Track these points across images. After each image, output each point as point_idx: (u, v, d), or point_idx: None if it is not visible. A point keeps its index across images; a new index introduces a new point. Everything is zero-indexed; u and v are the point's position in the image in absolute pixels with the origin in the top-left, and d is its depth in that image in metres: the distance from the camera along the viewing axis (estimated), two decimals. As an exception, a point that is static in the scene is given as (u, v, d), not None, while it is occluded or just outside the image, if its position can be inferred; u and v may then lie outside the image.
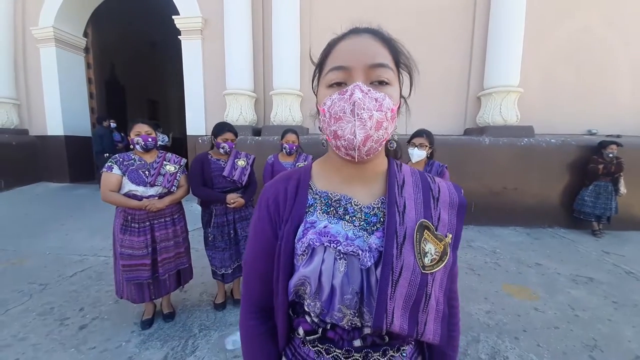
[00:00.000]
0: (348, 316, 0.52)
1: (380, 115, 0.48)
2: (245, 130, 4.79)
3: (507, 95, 4.44)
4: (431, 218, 0.54)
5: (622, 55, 4.75)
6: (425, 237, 0.52)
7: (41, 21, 5.90)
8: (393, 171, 0.57)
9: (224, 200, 2.12)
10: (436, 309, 0.52)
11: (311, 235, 0.52)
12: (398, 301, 0.48)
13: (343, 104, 0.48)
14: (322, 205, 0.56)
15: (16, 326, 2.02)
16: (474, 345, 1.90)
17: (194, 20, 5.27)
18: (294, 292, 0.55)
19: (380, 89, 0.50)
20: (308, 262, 0.52)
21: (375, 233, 0.53)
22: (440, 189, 0.58)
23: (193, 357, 1.78)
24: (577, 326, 2.10)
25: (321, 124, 0.53)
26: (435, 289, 0.51)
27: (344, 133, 0.48)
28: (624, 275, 2.91)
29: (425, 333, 0.50)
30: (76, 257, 3.15)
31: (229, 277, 2.24)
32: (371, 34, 0.52)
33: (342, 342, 0.54)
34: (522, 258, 3.27)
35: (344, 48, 0.51)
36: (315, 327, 0.55)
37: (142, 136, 1.91)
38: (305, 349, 0.57)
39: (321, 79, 0.55)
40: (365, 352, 0.54)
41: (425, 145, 2.11)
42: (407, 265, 0.49)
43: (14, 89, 6.18)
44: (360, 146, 0.48)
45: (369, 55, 0.50)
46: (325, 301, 0.52)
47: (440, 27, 4.90)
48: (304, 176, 0.60)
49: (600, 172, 3.90)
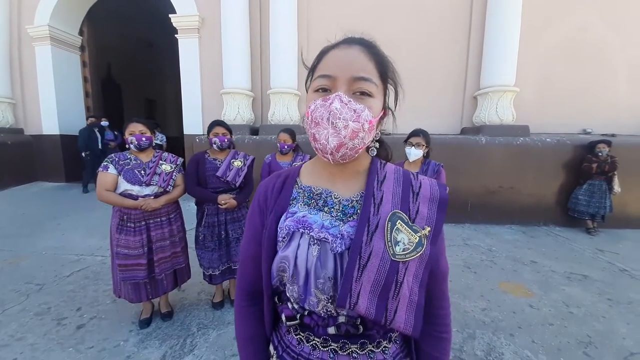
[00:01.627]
0: (323, 302, 0.55)
1: (356, 125, 0.51)
2: (242, 129, 4.79)
3: (503, 95, 4.48)
4: (408, 211, 0.56)
5: (618, 54, 4.80)
6: (397, 227, 0.54)
7: (37, 19, 5.86)
8: (375, 168, 0.61)
9: (215, 200, 2.11)
10: (409, 299, 0.52)
11: (289, 222, 0.57)
12: (365, 285, 0.51)
13: (323, 111, 0.51)
14: (305, 198, 0.61)
15: (13, 326, 2.01)
16: (469, 342, 1.92)
17: (191, 19, 5.25)
18: (277, 278, 0.59)
19: (362, 100, 0.53)
20: (286, 247, 0.57)
21: (349, 222, 0.56)
22: (421, 184, 0.60)
23: (192, 355, 1.78)
24: (572, 323, 2.12)
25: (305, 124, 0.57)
26: (409, 279, 0.53)
27: (320, 137, 0.52)
28: (618, 272, 2.95)
29: (396, 320, 0.51)
30: (73, 256, 3.14)
31: (217, 278, 2.21)
32: (362, 47, 0.55)
33: (317, 329, 0.57)
34: (517, 256, 3.30)
35: (333, 57, 0.55)
36: (295, 313, 0.59)
37: (136, 135, 1.90)
38: (289, 337, 0.62)
39: (311, 82, 0.58)
40: (342, 342, 0.56)
41: (421, 145, 2.13)
42: (376, 252, 0.52)
43: (9, 88, 6.13)
44: (334, 152, 0.52)
45: (354, 68, 0.53)
46: (302, 285, 0.56)
47: (437, 26, 4.92)
48: (293, 173, 0.66)
49: (593, 170, 3.94)
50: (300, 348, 0.59)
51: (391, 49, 0.64)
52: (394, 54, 0.61)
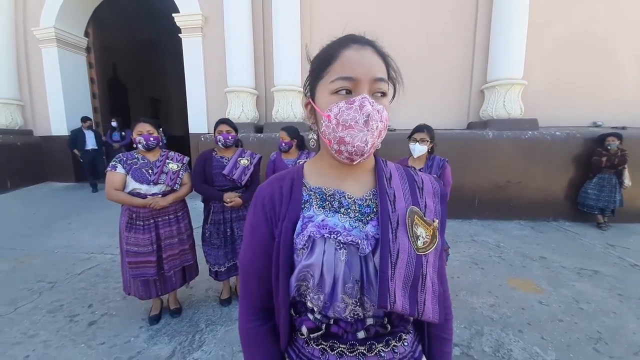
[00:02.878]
0: (350, 306, 0.54)
1: (382, 125, 0.53)
2: (247, 127, 4.80)
3: (511, 88, 4.39)
4: (419, 205, 0.58)
5: (628, 46, 4.67)
6: (416, 222, 0.56)
7: (42, 22, 5.93)
8: (380, 166, 0.62)
9: (221, 198, 2.12)
10: (432, 289, 0.55)
11: (311, 228, 0.54)
12: (398, 282, 0.51)
13: (354, 114, 0.50)
14: (318, 200, 0.59)
15: (26, 323, 2.06)
16: (477, 338, 1.91)
17: (194, 18, 5.26)
18: (295, 289, 0.56)
19: (380, 100, 0.54)
20: (309, 255, 0.54)
21: (370, 222, 0.56)
22: (423, 180, 0.63)
23: (200, 351, 1.81)
24: (582, 319, 2.10)
25: (324, 128, 0.54)
26: (430, 270, 0.55)
27: (354, 140, 0.51)
28: (629, 267, 2.90)
29: (425, 312, 0.53)
30: (83, 255, 3.20)
31: (223, 275, 2.24)
32: (372, 47, 0.55)
33: (346, 336, 0.56)
34: (526, 252, 3.26)
35: (351, 58, 0.52)
36: (319, 323, 0.56)
37: (144, 135, 1.93)
38: (310, 348, 0.59)
39: (321, 82, 0.55)
40: (369, 344, 0.56)
41: (426, 140, 2.10)
42: (403, 248, 0.53)
43: (17, 90, 6.23)
44: (365, 153, 0.53)
45: (373, 69, 0.53)
46: (328, 293, 0.54)
47: (442, 19, 4.85)
48: (297, 175, 0.62)
49: (603, 164, 3.86)
50: (325, 358, 0.57)
51: (396, 43, 0.64)
52: (399, 48, 0.61)
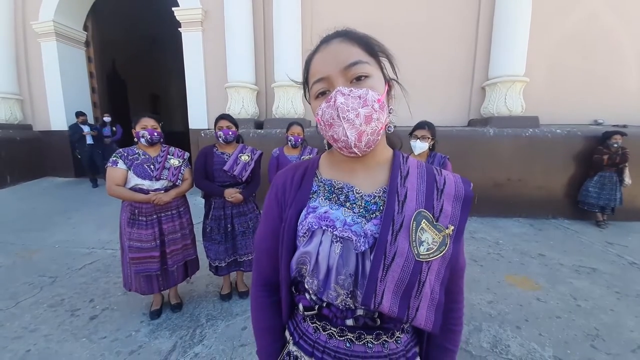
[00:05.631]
0: (342, 296, 0.56)
1: (366, 110, 0.51)
2: (247, 123, 4.78)
3: (512, 85, 4.38)
4: (432, 209, 0.55)
5: (629, 44, 4.64)
6: (422, 227, 0.53)
7: (41, 15, 5.88)
8: (397, 162, 0.60)
9: (221, 194, 2.13)
10: (431, 297, 0.53)
11: (311, 218, 0.56)
12: (389, 284, 0.51)
13: (330, 111, 0.51)
14: (325, 192, 0.60)
15: (27, 318, 2.07)
16: (475, 334, 1.93)
17: (194, 12, 5.21)
18: (296, 270, 0.59)
19: (361, 84, 0.52)
20: (308, 243, 0.57)
21: (372, 220, 0.56)
22: (446, 181, 0.59)
23: (201, 345, 1.82)
24: (579, 316, 2.11)
25: (320, 131, 0.57)
26: (431, 278, 0.53)
27: (339, 136, 0.52)
28: (627, 265, 2.91)
29: (417, 318, 0.52)
30: (84, 250, 3.21)
31: (223, 270, 2.25)
32: (340, 37, 0.55)
33: (336, 320, 0.58)
34: (525, 249, 3.28)
35: (318, 60, 0.55)
36: (313, 303, 0.59)
37: (148, 130, 1.93)
38: (305, 325, 0.62)
39: (308, 90, 0.59)
40: (358, 333, 0.57)
41: (427, 137, 2.10)
42: (401, 252, 0.51)
43: (16, 85, 6.20)
44: (357, 143, 0.52)
45: (340, 59, 0.53)
46: (322, 280, 0.56)
47: (444, 16, 4.81)
48: (312, 165, 0.65)
49: (605, 162, 3.86)
50: (317, 336, 0.60)
51: (397, 39, 0.63)
52: (400, 44, 0.61)
